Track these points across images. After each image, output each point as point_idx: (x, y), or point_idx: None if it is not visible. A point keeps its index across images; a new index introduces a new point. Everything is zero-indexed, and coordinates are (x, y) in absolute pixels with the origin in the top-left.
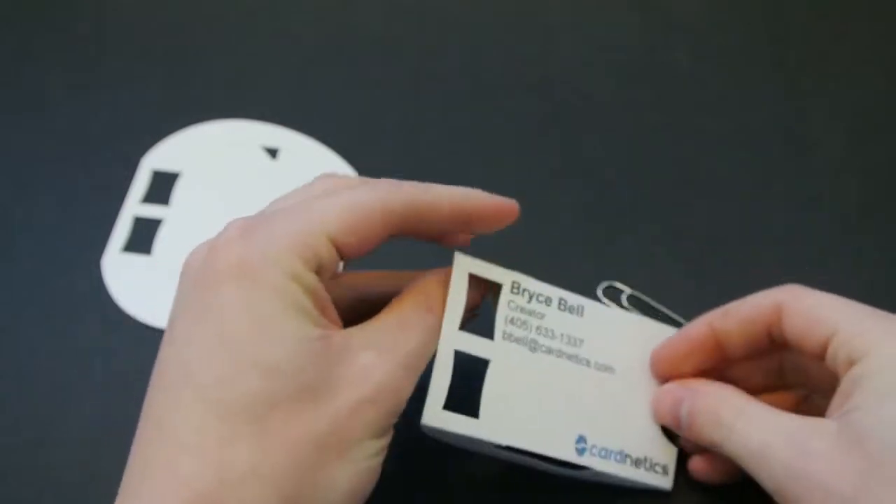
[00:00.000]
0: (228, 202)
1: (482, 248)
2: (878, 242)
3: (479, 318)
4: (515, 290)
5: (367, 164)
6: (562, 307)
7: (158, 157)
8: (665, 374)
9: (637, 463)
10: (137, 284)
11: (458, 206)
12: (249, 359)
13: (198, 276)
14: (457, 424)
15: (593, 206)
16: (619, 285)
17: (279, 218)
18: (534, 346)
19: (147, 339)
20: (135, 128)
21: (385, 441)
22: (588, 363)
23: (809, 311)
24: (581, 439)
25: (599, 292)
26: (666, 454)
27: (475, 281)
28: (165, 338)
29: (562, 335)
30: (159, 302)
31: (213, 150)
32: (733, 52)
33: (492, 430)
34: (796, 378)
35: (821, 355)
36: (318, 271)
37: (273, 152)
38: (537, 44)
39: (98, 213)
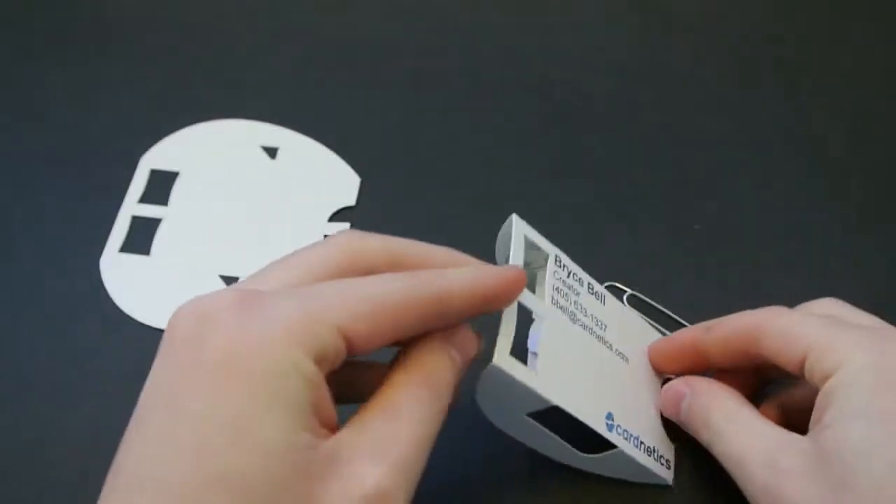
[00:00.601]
0: (227, 202)
1: (482, 248)
2: (878, 242)
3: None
4: (558, 264)
5: (367, 164)
6: (590, 291)
7: (157, 157)
8: (657, 368)
9: (649, 452)
10: (136, 284)
11: (476, 289)
12: (219, 470)
13: (182, 357)
14: (521, 373)
15: (593, 206)
16: (619, 285)
17: (284, 297)
18: (573, 318)
19: (145, 339)
20: (133, 127)
21: None
22: (611, 347)
23: (785, 329)
24: (610, 416)
25: None
26: (668, 449)
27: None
28: (134, 420)
29: (592, 316)
30: (157, 302)
31: (211, 149)
32: (733, 53)
33: (546, 388)
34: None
35: (799, 372)
36: (320, 362)
37: (272, 152)
38: (537, 44)
39: (96, 212)
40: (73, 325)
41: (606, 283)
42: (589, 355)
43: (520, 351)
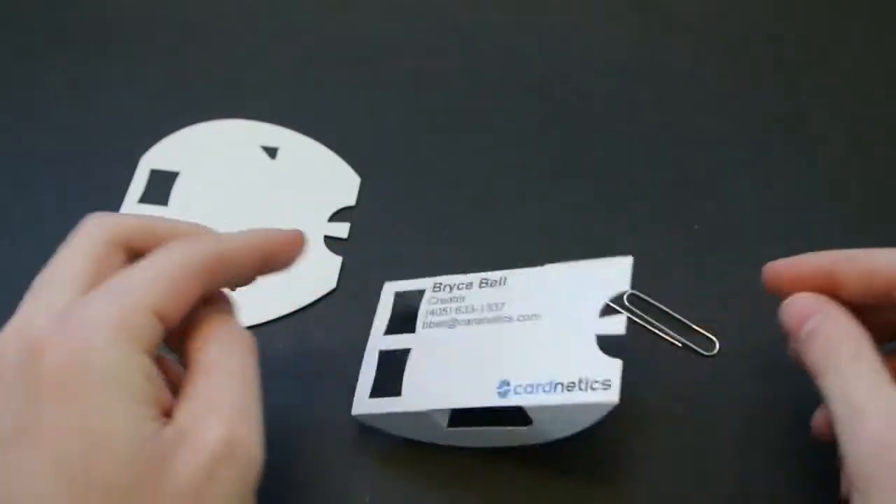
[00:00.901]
0: (227, 202)
1: (482, 248)
2: (878, 242)
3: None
4: (437, 289)
5: (367, 163)
6: (483, 285)
7: (157, 157)
8: (773, 289)
9: (570, 387)
10: None
11: (253, 245)
12: (86, 483)
13: (19, 386)
14: (382, 406)
15: (593, 205)
16: None
17: (96, 300)
18: (453, 324)
19: None
20: (133, 127)
21: (251, 500)
22: (510, 319)
23: (868, 263)
24: (503, 384)
25: None
26: (607, 370)
27: None
28: None
29: (482, 306)
30: None
31: (211, 149)
32: (733, 53)
33: (414, 402)
34: None
35: (887, 300)
36: (149, 350)
37: (272, 152)
38: (537, 44)
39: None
40: None
41: None
42: (472, 345)
43: None
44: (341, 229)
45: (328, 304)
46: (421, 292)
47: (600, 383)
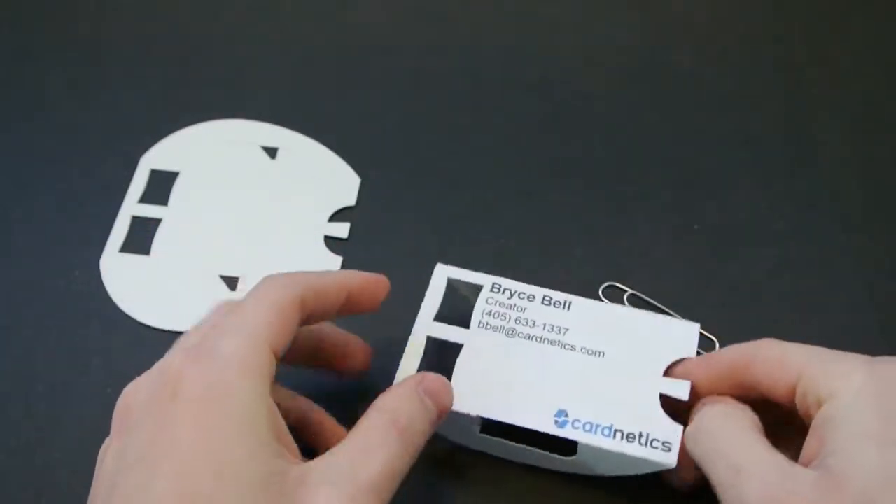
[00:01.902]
0: (227, 202)
1: (482, 248)
2: (878, 242)
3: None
4: (496, 290)
5: (367, 164)
6: (546, 302)
7: (157, 157)
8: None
9: (630, 437)
10: (135, 285)
11: (341, 283)
12: (202, 498)
13: (151, 418)
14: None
15: (593, 205)
16: (619, 285)
17: (225, 336)
18: (511, 333)
19: (145, 339)
20: (133, 127)
21: None
22: (574, 348)
23: (776, 356)
24: (561, 413)
25: (599, 292)
26: (669, 432)
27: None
28: (115, 484)
29: (544, 324)
30: (157, 302)
31: (211, 149)
32: (734, 52)
33: (463, 403)
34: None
35: (789, 400)
36: (271, 385)
37: (272, 152)
38: (537, 44)
39: (96, 212)
40: (73, 325)
41: (606, 284)
42: (532, 362)
43: None
44: (341, 229)
45: None
46: (474, 287)
47: (661, 444)
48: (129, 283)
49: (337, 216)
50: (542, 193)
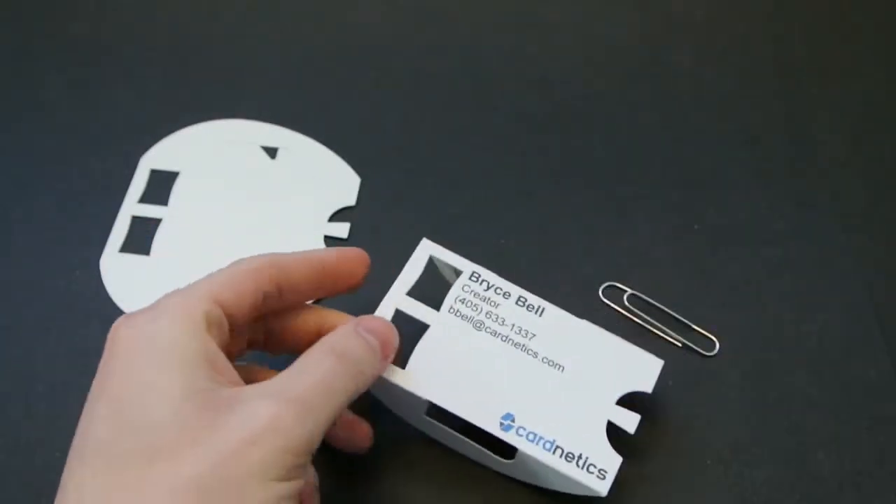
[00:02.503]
0: (227, 202)
1: (482, 248)
2: (878, 242)
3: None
4: (474, 279)
5: (367, 164)
6: (520, 303)
7: (157, 157)
8: None
9: (569, 457)
10: (135, 284)
11: (310, 257)
12: (131, 419)
13: (103, 362)
14: (388, 371)
15: (593, 205)
16: (619, 285)
17: (167, 297)
18: (479, 326)
19: None
20: (133, 127)
21: (286, 489)
22: (536, 355)
23: None
24: (508, 416)
25: (600, 292)
26: (608, 460)
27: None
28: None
29: (513, 325)
30: None
31: (211, 149)
32: (733, 52)
33: (416, 384)
34: None
35: None
36: (208, 328)
37: (272, 152)
38: (537, 43)
39: (96, 212)
40: (73, 325)
41: (606, 283)
42: (491, 359)
43: None
44: (341, 229)
45: (329, 303)
46: (454, 270)
47: (598, 470)
48: (129, 283)
49: (337, 216)
50: (542, 193)
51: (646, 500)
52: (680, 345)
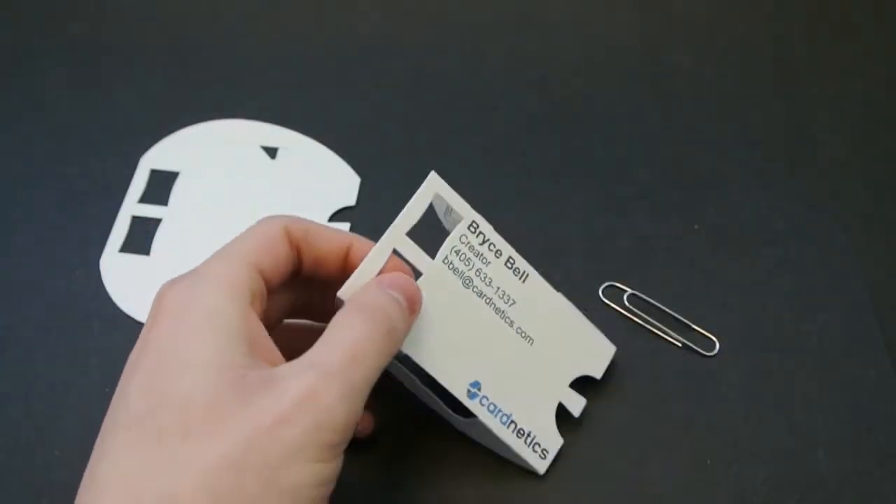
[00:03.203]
0: (227, 202)
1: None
2: (878, 242)
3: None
4: (472, 229)
5: (367, 163)
6: (508, 265)
7: (157, 157)
8: None
9: (520, 433)
10: (135, 285)
11: (339, 233)
12: (166, 392)
13: (147, 326)
14: None
15: (593, 205)
16: (619, 285)
17: (209, 261)
18: (467, 283)
19: None
20: (134, 127)
21: (324, 470)
22: (512, 324)
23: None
24: (476, 384)
25: (600, 292)
26: (551, 441)
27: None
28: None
29: (497, 288)
30: None
31: (211, 149)
32: (733, 52)
33: None
34: None
35: None
36: (251, 299)
37: (272, 152)
38: (537, 43)
39: (96, 212)
40: (72, 325)
41: (606, 283)
42: (472, 321)
43: None
44: (341, 229)
45: None
46: (455, 215)
47: (541, 449)
48: (129, 283)
49: (337, 216)
50: (542, 193)
51: (646, 500)
52: (680, 345)
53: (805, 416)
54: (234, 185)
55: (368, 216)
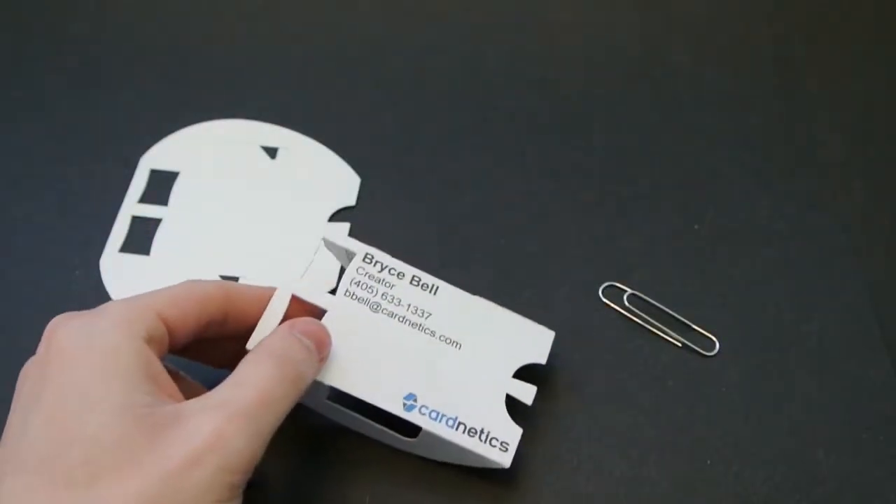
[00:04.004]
0: (227, 202)
1: (482, 247)
2: (878, 242)
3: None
4: (368, 260)
5: (367, 163)
6: (414, 283)
7: (157, 157)
8: None
9: (472, 432)
10: (135, 285)
11: (262, 292)
12: (71, 434)
13: (36, 365)
14: None
15: (593, 205)
16: (619, 285)
17: (110, 304)
18: (376, 308)
19: None
20: (133, 127)
21: None
22: (433, 334)
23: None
24: (410, 397)
25: (600, 292)
26: (509, 433)
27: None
28: (3, 434)
29: (408, 305)
30: None
31: (211, 149)
32: (733, 52)
33: None
34: None
35: None
36: (149, 341)
37: (272, 152)
38: (537, 43)
39: (96, 212)
40: None
41: (606, 283)
42: (389, 340)
43: None
44: (341, 229)
45: None
46: (348, 253)
47: (500, 443)
48: (129, 283)
49: (337, 216)
50: (542, 193)
51: (646, 500)
52: (680, 345)
53: (805, 416)
54: (234, 185)
55: (368, 216)
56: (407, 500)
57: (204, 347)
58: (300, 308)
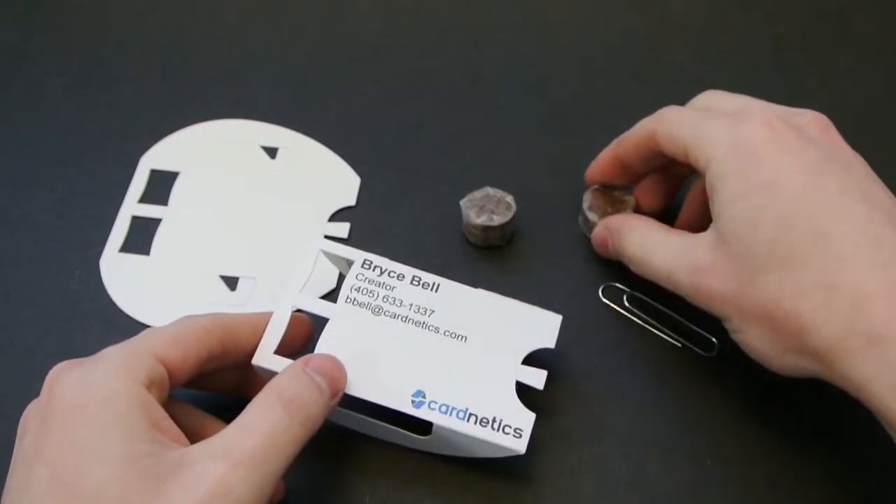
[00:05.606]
0: (227, 202)
1: (484, 249)
2: None
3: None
4: (366, 266)
5: (367, 163)
6: (415, 283)
7: (157, 157)
8: (593, 182)
9: (483, 422)
10: (135, 285)
11: (256, 320)
12: (74, 489)
13: (37, 420)
14: (282, 365)
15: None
16: (619, 285)
17: (108, 350)
18: (378, 311)
19: None
20: (133, 127)
21: None
22: (437, 330)
23: (668, 130)
24: (419, 393)
25: (600, 292)
26: (522, 419)
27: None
28: (3, 492)
29: (410, 305)
30: (157, 302)
31: (211, 149)
32: (733, 52)
33: None
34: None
35: (689, 164)
36: (149, 387)
37: (272, 152)
38: (537, 44)
39: (96, 212)
40: (72, 325)
41: (606, 283)
42: (393, 340)
43: None
44: (341, 229)
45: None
46: (346, 261)
47: (513, 430)
48: (129, 283)
49: (337, 216)
50: (542, 193)
51: (646, 500)
52: (680, 345)
53: (805, 416)
54: (234, 185)
55: (368, 216)
56: (407, 499)
57: (205, 378)
58: (299, 322)
